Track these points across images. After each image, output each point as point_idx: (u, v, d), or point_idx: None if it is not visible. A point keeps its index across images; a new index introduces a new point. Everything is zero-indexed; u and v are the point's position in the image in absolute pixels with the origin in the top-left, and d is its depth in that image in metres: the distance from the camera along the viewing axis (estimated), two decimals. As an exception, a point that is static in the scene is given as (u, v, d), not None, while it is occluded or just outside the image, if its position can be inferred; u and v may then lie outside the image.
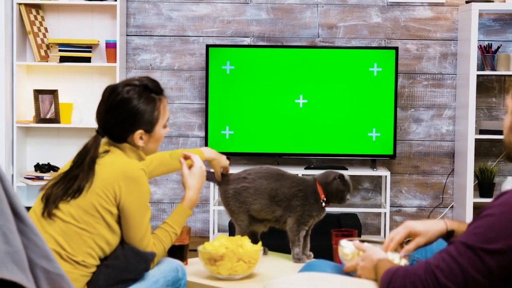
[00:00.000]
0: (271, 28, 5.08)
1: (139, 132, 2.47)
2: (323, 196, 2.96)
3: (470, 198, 4.75)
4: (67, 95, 5.02)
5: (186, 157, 2.76)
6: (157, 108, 2.49)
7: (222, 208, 4.84)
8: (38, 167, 4.96)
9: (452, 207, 5.10)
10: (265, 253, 3.03)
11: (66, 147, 5.08)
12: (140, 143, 2.49)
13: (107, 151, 2.48)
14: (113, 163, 2.43)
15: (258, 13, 5.08)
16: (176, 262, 2.56)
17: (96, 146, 2.46)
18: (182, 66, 5.11)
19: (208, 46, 4.88)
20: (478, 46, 4.78)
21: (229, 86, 4.90)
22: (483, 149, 5.05)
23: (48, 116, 4.91)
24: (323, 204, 2.97)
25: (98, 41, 5.00)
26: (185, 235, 2.83)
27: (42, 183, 4.76)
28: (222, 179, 3.07)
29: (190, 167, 2.71)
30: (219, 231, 5.13)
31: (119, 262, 2.39)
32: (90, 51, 4.93)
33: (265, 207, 3.00)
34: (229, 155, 4.90)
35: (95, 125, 2.51)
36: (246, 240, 2.69)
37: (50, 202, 2.40)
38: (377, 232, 5.07)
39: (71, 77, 5.07)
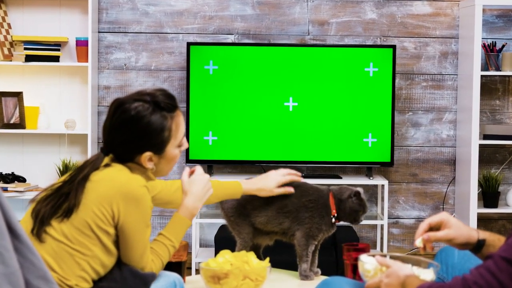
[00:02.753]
0: (257, 25, 5.03)
1: (148, 154, 2.39)
2: (334, 211, 2.91)
3: (474, 208, 4.73)
4: (33, 98, 4.92)
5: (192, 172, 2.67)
6: (168, 128, 2.39)
7: (206, 221, 4.78)
8: (1, 177, 4.83)
9: (453, 218, 5.07)
10: None
11: (32, 155, 4.97)
12: (149, 165, 2.41)
13: (107, 165, 2.39)
14: (112, 178, 2.34)
15: (243, 8, 5.02)
16: (174, 276, 2.49)
17: (95, 164, 2.37)
18: (159, 66, 5.03)
19: (189, 44, 4.81)
20: (481, 45, 4.77)
21: (212, 88, 4.83)
22: (486, 156, 5.04)
23: (12, 121, 4.80)
24: (333, 219, 2.92)
25: (68, 39, 4.92)
26: (182, 251, 2.75)
27: (7, 195, 4.64)
28: None
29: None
30: (201, 246, 5.05)
31: (116, 286, 2.31)
32: (58, 50, 4.84)
33: (272, 219, 2.94)
34: (212, 163, 4.84)
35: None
36: (252, 256, 2.62)
37: (39, 220, 2.32)
38: (373, 246, 5.02)
39: (38, 78, 4.97)
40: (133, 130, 2.36)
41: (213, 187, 2.68)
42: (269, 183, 2.92)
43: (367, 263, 2.29)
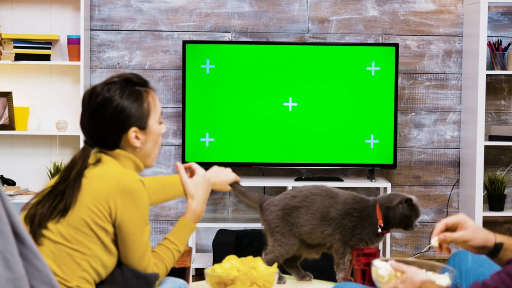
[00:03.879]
0: (255, 22, 5.01)
1: (133, 129, 2.39)
2: (380, 221, 2.90)
3: (480, 212, 4.72)
4: (23, 98, 4.88)
5: (185, 168, 2.69)
6: (146, 100, 2.42)
7: (202, 225, 4.75)
8: (-10, 181, 4.80)
9: (457, 222, 5.06)
10: (282, 281, 2.94)
11: (22, 157, 4.93)
12: (137, 143, 2.41)
13: (98, 160, 2.39)
14: (107, 174, 2.35)
15: (240, 5, 5.00)
16: (180, 282, 2.47)
17: (85, 158, 2.38)
18: (154, 64, 5.00)
19: (185, 42, 4.78)
20: (487, 43, 4.76)
21: (208, 88, 4.81)
22: (491, 157, 5.03)
23: (1, 122, 4.77)
24: (379, 230, 2.91)
25: (59, 37, 4.88)
26: (186, 256, 2.72)
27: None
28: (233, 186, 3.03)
29: (191, 176, 2.63)
30: (197, 251, 5.02)
31: (118, 287, 2.30)
32: (49, 48, 4.80)
33: (316, 228, 2.92)
34: (209, 165, 4.80)
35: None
36: (259, 262, 2.60)
37: (35, 224, 2.32)
38: (375, 250, 5.00)
39: (28, 77, 4.93)
40: (112, 109, 2.38)
41: (160, 187, 2.79)
42: (224, 176, 2.98)
43: (381, 268, 2.27)
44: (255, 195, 3.06)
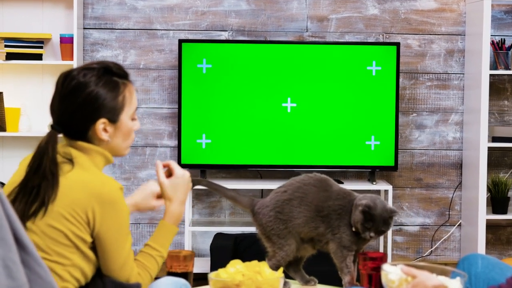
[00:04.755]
0: (253, 21, 4.99)
1: (102, 121, 2.32)
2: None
3: (483, 215, 4.71)
4: (14, 99, 4.86)
5: (164, 166, 2.58)
6: (122, 93, 2.36)
7: (198, 229, 4.73)
8: (-20, 183, 4.77)
9: (460, 225, 5.06)
10: (287, 286, 2.91)
11: (12, 160, 4.90)
12: (104, 136, 2.34)
13: (70, 160, 2.29)
14: (84, 181, 2.27)
15: (237, 3, 4.98)
16: (181, 282, 2.44)
17: (54, 145, 2.29)
18: (149, 64, 4.98)
19: (180, 41, 4.76)
20: (490, 42, 4.76)
21: (205, 88, 4.79)
22: (494, 159, 5.02)
23: (-9, 123, 4.75)
24: (353, 228, 2.84)
25: (51, 35, 4.86)
26: (188, 261, 2.70)
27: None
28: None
29: (168, 176, 2.57)
30: (194, 256, 4.99)
31: None
32: (41, 47, 4.78)
33: (309, 221, 2.83)
34: (205, 167, 4.80)
35: (47, 132, 2.35)
36: (265, 266, 2.57)
37: None
38: (376, 255, 4.99)
39: (19, 77, 4.91)
40: (85, 95, 2.31)
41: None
42: (146, 195, 2.66)
43: (391, 273, 2.26)
44: (245, 199, 2.98)
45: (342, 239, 2.81)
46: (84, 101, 2.31)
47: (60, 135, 2.34)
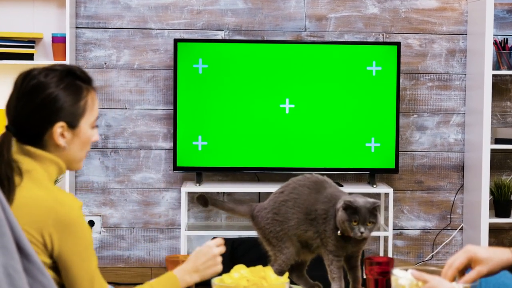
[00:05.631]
0: (250, 20, 4.97)
1: (60, 124, 2.22)
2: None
3: (486, 218, 4.70)
4: (3, 100, 4.79)
5: None
6: (84, 98, 2.26)
7: (194, 233, 4.71)
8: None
9: (461, 229, 5.06)
10: None
11: (3, 163, 4.86)
12: (61, 141, 2.23)
13: (20, 170, 2.17)
14: (38, 199, 2.14)
15: (233, 2, 4.96)
16: None
17: (9, 147, 2.18)
18: (143, 64, 4.96)
19: (176, 41, 4.74)
20: (492, 42, 4.75)
21: (201, 89, 4.77)
22: (496, 161, 5.02)
23: (-19, 125, 4.70)
24: (338, 232, 2.81)
25: (43, 35, 4.83)
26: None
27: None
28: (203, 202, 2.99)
29: None
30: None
31: None
32: (33, 47, 4.75)
33: (300, 224, 2.82)
34: (201, 170, 4.78)
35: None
36: (269, 271, 2.55)
37: None
38: (376, 259, 4.98)
39: (9, 78, 4.80)
40: (45, 95, 2.21)
41: None
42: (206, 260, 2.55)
43: (402, 278, 2.23)
44: (243, 207, 2.99)
45: (328, 244, 2.79)
46: (43, 101, 2.21)
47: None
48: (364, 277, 2.82)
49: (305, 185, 2.86)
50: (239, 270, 2.54)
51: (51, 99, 2.21)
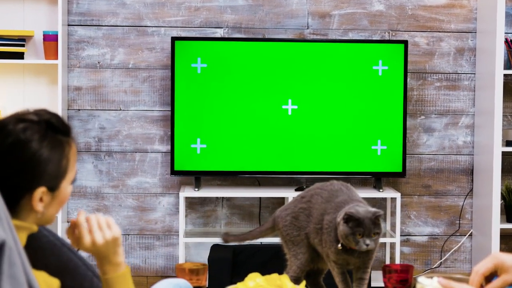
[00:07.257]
0: (250, 17, 4.95)
1: (41, 190, 1.98)
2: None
3: (496, 224, 4.68)
4: (-7, 101, 4.79)
5: None
6: (66, 156, 2.02)
7: (192, 240, 4.67)
8: (-43, 192, 4.68)
9: (471, 234, 5.04)
10: None
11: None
12: (39, 206, 1.99)
13: None
14: None
15: (233, -1, 4.96)
16: (182, 283, 2.38)
17: None
18: (138, 63, 4.92)
19: (173, 39, 4.71)
20: (504, 40, 4.74)
21: (200, 89, 4.74)
22: (507, 164, 5.01)
23: (-31, 127, 4.66)
24: (339, 245, 2.74)
25: (34, 33, 4.81)
26: (201, 274, 2.66)
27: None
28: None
29: None
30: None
31: None
32: (23, 45, 4.73)
33: (312, 232, 2.85)
34: (200, 174, 4.75)
35: None
36: (286, 279, 2.52)
37: None
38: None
39: (-1, 77, 4.85)
40: (27, 156, 1.97)
41: None
42: None
43: (428, 286, 2.21)
44: (268, 222, 3.04)
45: (329, 254, 2.79)
46: (25, 164, 1.97)
47: None
48: (382, 285, 2.79)
49: (321, 194, 2.88)
50: (255, 279, 2.51)
51: (35, 161, 1.98)
